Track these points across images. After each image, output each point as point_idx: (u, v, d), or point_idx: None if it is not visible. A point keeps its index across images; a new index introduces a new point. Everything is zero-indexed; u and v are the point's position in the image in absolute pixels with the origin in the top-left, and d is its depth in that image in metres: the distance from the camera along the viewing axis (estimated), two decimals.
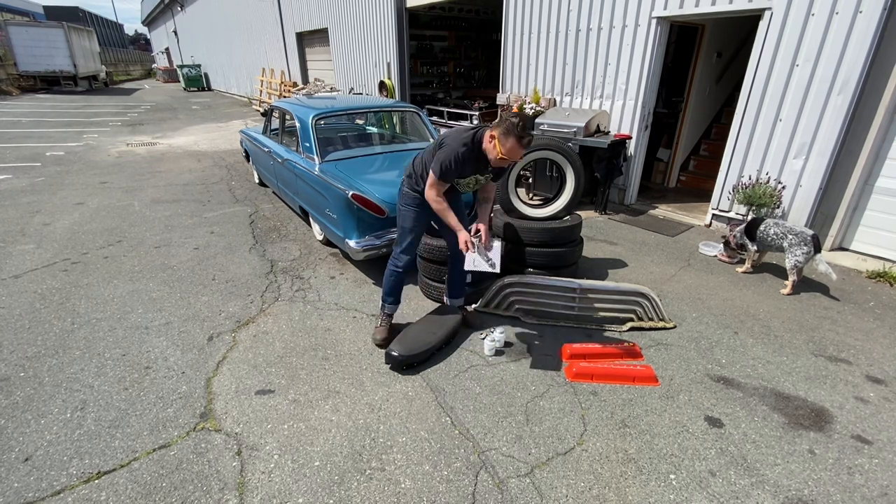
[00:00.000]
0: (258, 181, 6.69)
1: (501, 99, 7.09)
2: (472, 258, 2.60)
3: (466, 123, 7.67)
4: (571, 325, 3.19)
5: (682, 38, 6.20)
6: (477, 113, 7.84)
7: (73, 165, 7.83)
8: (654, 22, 4.98)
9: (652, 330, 3.16)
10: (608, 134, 5.51)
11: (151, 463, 2.10)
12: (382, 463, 2.11)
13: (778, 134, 4.36)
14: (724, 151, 4.84)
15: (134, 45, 61.04)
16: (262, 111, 14.33)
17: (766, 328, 3.19)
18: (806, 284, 3.78)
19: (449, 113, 8.50)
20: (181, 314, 3.32)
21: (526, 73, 6.66)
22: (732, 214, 4.85)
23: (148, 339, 3.03)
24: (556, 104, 6.27)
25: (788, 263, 3.57)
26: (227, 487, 1.98)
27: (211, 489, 1.97)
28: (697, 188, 6.32)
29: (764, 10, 4.20)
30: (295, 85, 13.61)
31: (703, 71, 5.97)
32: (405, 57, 9.52)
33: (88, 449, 2.17)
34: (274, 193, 6.12)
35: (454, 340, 3.01)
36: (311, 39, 13.52)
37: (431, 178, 2.53)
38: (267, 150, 5.26)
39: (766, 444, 2.23)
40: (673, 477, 2.05)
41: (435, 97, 10.69)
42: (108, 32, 50.62)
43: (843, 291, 3.70)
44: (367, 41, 10.35)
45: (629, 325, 3.16)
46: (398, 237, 2.91)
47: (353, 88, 11.45)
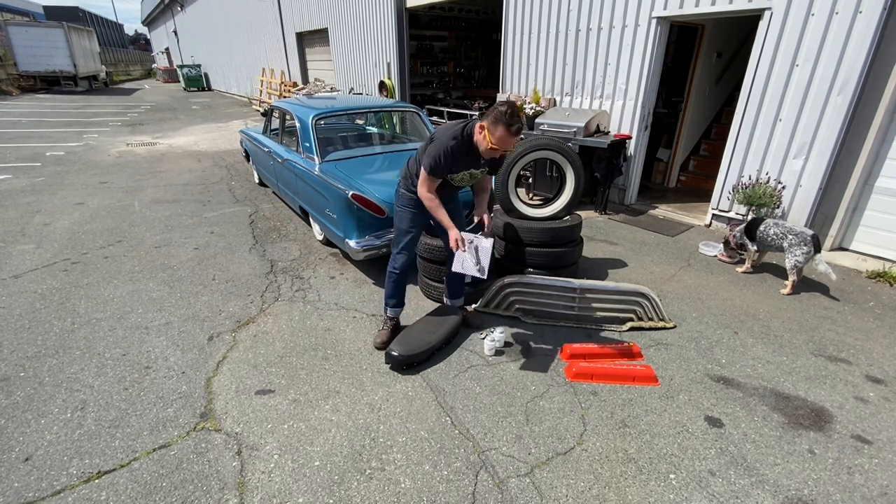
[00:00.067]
0: (258, 181, 6.70)
1: (501, 99, 7.09)
2: (461, 259, 2.56)
3: None
4: (571, 325, 3.19)
5: (682, 38, 6.20)
6: (477, 113, 7.84)
7: (73, 165, 7.83)
8: (654, 22, 4.98)
9: (652, 330, 3.16)
10: (608, 134, 5.52)
11: (151, 463, 2.10)
12: (382, 463, 2.11)
13: (778, 134, 4.36)
14: (724, 151, 4.84)
15: (134, 45, 61.08)
16: (262, 111, 14.34)
17: (766, 328, 3.19)
18: (806, 284, 3.78)
19: (449, 113, 8.51)
20: (181, 314, 3.32)
21: (526, 73, 6.66)
22: (732, 214, 4.85)
23: (148, 339, 3.03)
24: (556, 104, 6.27)
25: (788, 263, 3.57)
26: (227, 487, 1.98)
27: (211, 489, 1.97)
28: (697, 188, 6.32)
29: (764, 10, 4.20)
30: (295, 85, 13.61)
31: (703, 71, 5.97)
32: (405, 57, 9.52)
33: (88, 449, 2.17)
34: (274, 193, 6.12)
35: (454, 340, 3.01)
36: (311, 39, 13.53)
37: (422, 174, 2.50)
38: (267, 150, 5.26)
39: (765, 443, 2.23)
40: (673, 477, 2.05)
41: (435, 97, 10.70)
42: (108, 32, 50.65)
43: (842, 291, 3.70)
44: (367, 41, 10.35)
45: (629, 325, 3.16)
46: (395, 238, 2.89)
47: (353, 88, 11.45)
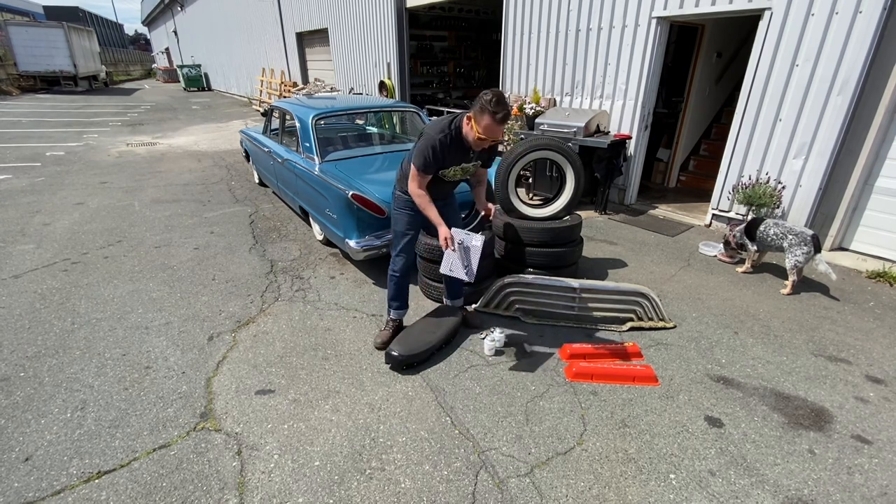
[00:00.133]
0: (258, 181, 6.70)
1: None
2: (449, 260, 2.54)
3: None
4: (571, 325, 3.19)
5: (682, 38, 6.20)
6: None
7: (73, 165, 7.83)
8: (654, 22, 4.98)
9: (652, 330, 3.16)
10: (608, 134, 5.51)
11: (151, 463, 2.10)
12: (382, 463, 2.11)
13: (778, 134, 4.36)
14: (724, 151, 4.83)
15: (134, 45, 61.09)
16: (262, 111, 14.34)
17: (766, 328, 3.19)
18: (806, 284, 3.78)
19: (449, 113, 8.48)
20: (181, 314, 3.32)
21: (526, 73, 6.66)
22: (732, 214, 4.85)
23: (148, 339, 3.03)
24: (556, 104, 6.27)
25: (788, 263, 3.57)
26: (227, 487, 1.98)
27: (211, 489, 1.97)
28: (697, 188, 6.32)
29: (764, 10, 4.20)
30: (295, 85, 13.61)
31: (703, 71, 5.97)
32: (405, 57, 9.51)
33: (88, 449, 2.17)
34: (274, 193, 6.12)
35: (454, 340, 3.01)
36: (311, 39, 13.53)
37: (413, 170, 2.48)
38: (267, 150, 5.26)
39: (765, 443, 2.23)
40: (673, 477, 2.05)
41: (435, 97, 10.71)
42: (108, 32, 50.66)
43: (842, 291, 3.70)
44: (367, 41, 10.35)
45: (629, 325, 3.16)
46: (393, 241, 2.88)
47: (353, 88, 11.45)
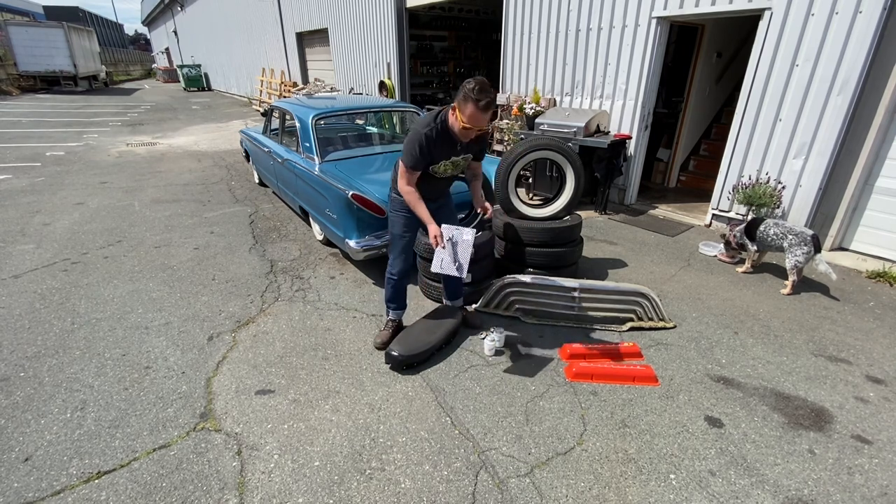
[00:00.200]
0: (258, 181, 6.70)
1: (501, 99, 7.08)
2: (440, 258, 2.51)
3: None
4: (571, 325, 3.19)
5: (682, 38, 6.20)
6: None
7: (73, 165, 7.83)
8: (654, 22, 4.98)
9: (652, 330, 3.16)
10: (608, 134, 5.51)
11: (151, 463, 2.10)
12: (382, 463, 2.11)
13: (778, 134, 4.36)
14: (724, 151, 4.83)
15: (134, 45, 61.09)
16: (262, 111, 14.34)
17: (766, 328, 3.19)
18: (806, 284, 3.78)
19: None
20: (181, 314, 3.32)
21: (526, 73, 6.66)
22: (732, 214, 4.85)
23: (148, 339, 3.03)
24: (556, 104, 6.27)
25: (788, 263, 3.57)
26: (227, 487, 1.98)
27: (211, 489, 1.97)
28: (697, 188, 6.32)
29: (764, 10, 4.20)
30: (295, 85, 13.61)
31: (703, 71, 5.97)
32: (405, 57, 9.51)
33: (88, 449, 2.17)
34: (274, 193, 6.12)
35: (454, 340, 3.01)
36: (311, 39, 13.53)
37: (401, 168, 2.45)
38: (267, 150, 5.26)
39: (765, 443, 2.23)
40: (673, 477, 2.05)
41: (435, 97, 10.71)
42: (108, 32, 50.65)
43: (842, 291, 3.70)
44: (367, 41, 10.35)
45: (629, 325, 3.16)
46: (390, 244, 2.85)
47: (353, 88, 11.45)
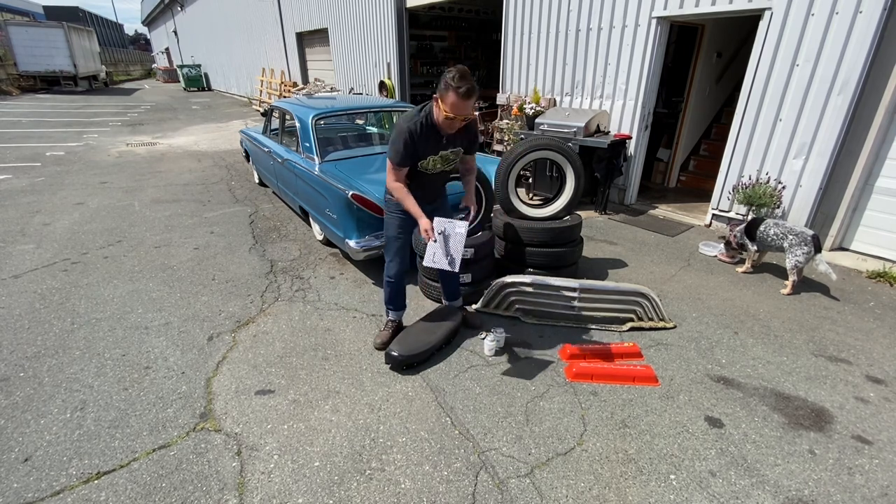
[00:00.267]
0: (258, 181, 6.69)
1: (501, 99, 7.08)
2: (432, 251, 2.47)
3: None
4: (571, 325, 3.19)
5: (682, 38, 6.20)
6: (477, 113, 7.82)
7: (73, 165, 7.83)
8: (654, 22, 4.98)
9: (652, 330, 3.16)
10: (608, 134, 5.51)
11: (151, 463, 2.10)
12: (382, 463, 2.11)
13: (778, 134, 4.36)
14: (724, 151, 4.83)
15: (134, 45, 61.08)
16: (262, 111, 14.33)
17: (766, 328, 3.18)
18: (806, 284, 3.78)
19: None
20: (181, 314, 3.32)
21: (526, 73, 6.66)
22: (732, 214, 4.85)
23: (148, 339, 3.03)
24: (556, 104, 6.27)
25: (789, 263, 3.57)
26: (226, 488, 1.98)
27: (211, 489, 1.97)
28: (697, 188, 6.32)
29: (764, 10, 4.20)
30: (295, 85, 13.61)
31: (703, 71, 5.97)
32: (405, 57, 9.51)
33: (88, 449, 2.17)
34: (274, 193, 6.12)
35: (454, 340, 3.01)
36: (311, 39, 13.53)
37: (388, 165, 2.43)
38: (267, 150, 5.26)
39: (766, 444, 2.22)
40: (673, 477, 2.05)
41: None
42: (108, 32, 50.64)
43: (843, 291, 3.70)
44: (367, 41, 10.35)
45: (629, 325, 3.16)
46: (385, 246, 2.81)
47: (353, 88, 11.45)
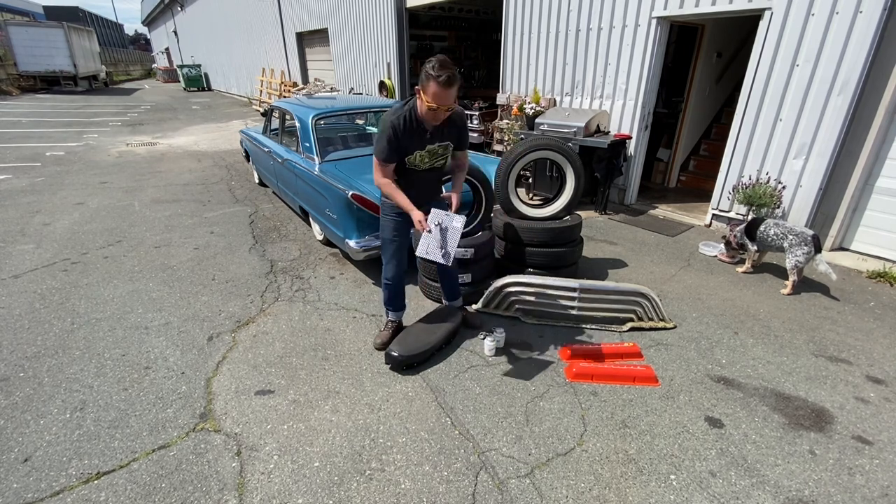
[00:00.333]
0: (258, 181, 6.69)
1: (501, 99, 7.08)
2: (426, 242, 2.44)
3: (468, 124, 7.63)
4: (571, 325, 3.19)
5: (682, 38, 6.20)
6: (477, 113, 7.83)
7: (73, 165, 7.83)
8: (654, 22, 4.97)
9: (652, 330, 3.15)
10: (608, 134, 5.51)
11: (151, 463, 2.09)
12: (382, 463, 2.11)
13: (778, 134, 4.36)
14: (724, 151, 4.83)
15: (134, 45, 61.09)
16: (262, 111, 14.33)
17: (766, 328, 3.18)
18: (806, 284, 3.77)
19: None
20: (181, 314, 3.32)
21: (526, 73, 6.66)
22: (732, 214, 4.85)
23: (148, 339, 3.03)
24: (556, 104, 6.26)
25: (789, 263, 3.57)
26: (226, 488, 1.98)
27: (210, 490, 1.97)
28: (697, 188, 6.32)
29: (764, 10, 4.20)
30: (295, 85, 13.61)
31: (703, 71, 5.96)
32: (405, 57, 9.51)
33: (88, 449, 2.17)
34: (274, 193, 6.11)
35: (454, 340, 3.00)
36: (311, 39, 13.53)
37: (375, 161, 2.41)
38: (267, 150, 5.26)
39: (766, 444, 2.22)
40: (673, 477, 2.05)
41: None
42: (108, 32, 50.66)
43: (843, 291, 3.69)
44: (367, 41, 10.35)
45: (629, 325, 3.16)
46: (382, 249, 2.79)
47: (353, 88, 11.45)
